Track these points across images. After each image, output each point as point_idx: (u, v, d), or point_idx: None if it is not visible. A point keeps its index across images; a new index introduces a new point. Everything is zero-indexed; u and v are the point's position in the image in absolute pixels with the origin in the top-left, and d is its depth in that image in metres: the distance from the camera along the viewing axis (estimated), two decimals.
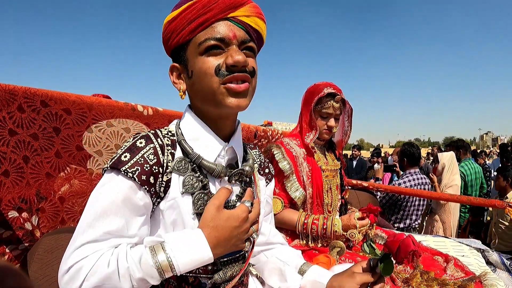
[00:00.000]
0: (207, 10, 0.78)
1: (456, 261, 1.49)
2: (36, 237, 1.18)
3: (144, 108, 1.41)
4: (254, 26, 0.83)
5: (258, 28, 0.84)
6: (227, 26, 0.79)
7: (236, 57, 0.76)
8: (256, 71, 0.85)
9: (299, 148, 1.66)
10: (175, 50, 0.86)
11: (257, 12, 0.84)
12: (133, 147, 0.77)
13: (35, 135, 1.14)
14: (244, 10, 0.81)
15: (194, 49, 0.80)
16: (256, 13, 0.83)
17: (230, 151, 0.89)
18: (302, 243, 1.60)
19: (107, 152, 1.34)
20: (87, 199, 0.74)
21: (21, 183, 1.13)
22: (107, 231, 0.70)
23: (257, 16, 0.84)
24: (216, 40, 0.78)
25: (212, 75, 0.78)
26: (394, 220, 3.34)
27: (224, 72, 0.77)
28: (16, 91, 1.07)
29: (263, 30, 0.87)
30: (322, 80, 1.73)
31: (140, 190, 0.74)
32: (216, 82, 0.78)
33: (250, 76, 0.81)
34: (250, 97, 0.84)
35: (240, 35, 0.80)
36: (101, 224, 0.69)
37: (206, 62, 0.78)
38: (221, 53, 0.79)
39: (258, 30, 0.85)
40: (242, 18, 0.81)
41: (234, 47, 0.79)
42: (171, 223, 0.80)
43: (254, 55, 0.85)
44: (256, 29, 0.84)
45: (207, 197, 0.81)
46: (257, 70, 0.85)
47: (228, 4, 0.78)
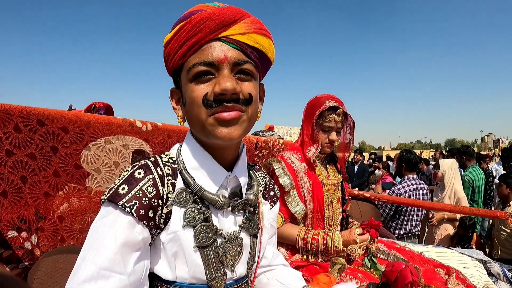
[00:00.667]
0: (196, 31, 0.71)
1: (458, 273, 1.48)
2: (36, 256, 1.18)
3: (143, 123, 1.40)
4: (253, 44, 0.74)
5: (258, 46, 0.75)
6: (218, 48, 0.71)
7: (223, 84, 0.69)
8: (255, 97, 0.77)
9: (300, 163, 1.65)
10: (173, 74, 0.82)
11: (256, 27, 0.75)
12: (131, 178, 0.73)
13: (33, 155, 1.13)
14: (239, 28, 0.72)
15: (185, 75, 0.75)
16: (254, 29, 0.74)
17: (233, 180, 0.84)
18: (303, 258, 1.59)
19: (106, 169, 1.33)
20: (86, 217, 0.73)
21: (20, 203, 1.12)
22: (104, 267, 0.66)
23: (257, 32, 0.74)
24: (205, 65, 0.71)
25: (200, 105, 0.71)
26: (394, 227, 3.33)
27: (211, 103, 0.71)
28: (12, 111, 1.06)
29: (265, 47, 0.77)
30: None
31: (138, 225, 0.71)
32: (204, 113, 0.72)
33: (245, 105, 0.74)
34: (245, 127, 0.76)
35: (233, 55, 0.72)
36: (98, 259, 0.67)
37: (195, 91, 0.72)
38: (211, 79, 0.72)
39: (259, 48, 0.75)
40: (236, 37, 0.72)
41: (225, 72, 0.71)
42: (173, 255, 0.77)
43: (252, 78, 0.76)
44: (255, 47, 0.74)
45: (209, 230, 0.78)
46: (256, 95, 0.78)
47: (218, 23, 0.71)
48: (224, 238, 0.81)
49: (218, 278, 0.80)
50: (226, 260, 0.81)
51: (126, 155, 1.37)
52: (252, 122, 0.79)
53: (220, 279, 0.80)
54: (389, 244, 1.81)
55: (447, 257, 1.83)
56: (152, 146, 1.44)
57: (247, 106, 0.74)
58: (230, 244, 0.82)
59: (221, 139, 0.73)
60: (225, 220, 0.83)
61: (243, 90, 0.73)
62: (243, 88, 0.73)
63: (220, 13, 0.71)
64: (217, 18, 0.71)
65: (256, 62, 0.77)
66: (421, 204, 2.46)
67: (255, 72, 0.77)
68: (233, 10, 0.73)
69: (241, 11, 0.74)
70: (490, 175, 5.41)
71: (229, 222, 0.84)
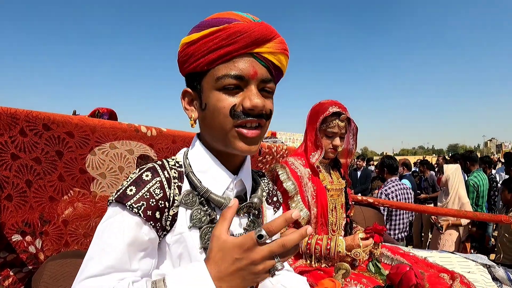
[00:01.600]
0: (232, 41, 0.72)
1: (462, 278, 1.47)
2: (40, 260, 1.18)
3: (148, 129, 1.41)
4: (277, 64, 0.77)
5: (280, 66, 0.79)
6: (249, 63, 0.73)
7: (255, 100, 0.72)
8: (272, 113, 0.80)
9: (304, 168, 1.65)
10: (190, 75, 0.81)
11: (282, 48, 0.78)
12: (139, 180, 0.74)
13: (38, 159, 1.14)
14: (271, 46, 0.75)
15: (211, 81, 0.75)
16: (281, 50, 0.77)
17: (239, 184, 0.86)
18: (306, 263, 1.58)
19: (111, 174, 1.33)
20: (91, 222, 0.73)
21: (24, 207, 1.12)
22: (111, 266, 0.67)
23: (282, 53, 0.78)
24: (236, 78, 0.72)
25: (226, 115, 0.73)
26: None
27: (239, 114, 0.73)
28: (18, 115, 1.07)
29: (284, 67, 0.81)
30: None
31: (145, 225, 0.72)
32: (229, 123, 0.73)
33: (265, 119, 0.77)
34: (261, 141, 0.81)
35: (262, 73, 0.74)
36: (105, 258, 0.67)
37: (222, 100, 0.73)
38: (239, 92, 0.74)
39: (280, 67, 0.79)
40: (267, 56, 0.75)
41: (252, 88, 0.73)
42: (178, 256, 0.77)
43: (271, 95, 0.80)
44: (278, 66, 0.78)
45: None
46: (273, 111, 0.81)
47: (254, 39, 0.72)
48: None
49: None
50: None
51: (131, 160, 1.37)
52: (264, 134, 0.82)
53: None
54: (393, 249, 1.80)
55: (451, 262, 1.82)
56: (157, 151, 1.45)
57: (267, 121, 0.78)
58: None
59: (241, 152, 0.77)
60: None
61: (266, 106, 0.76)
62: (266, 105, 0.76)
63: (257, 29, 0.73)
64: (254, 34, 0.72)
65: (275, 80, 0.81)
66: (426, 209, 2.44)
67: (274, 89, 0.81)
68: (268, 28, 0.75)
69: (273, 31, 0.77)
70: (494, 181, 5.39)
71: (235, 224, 0.84)
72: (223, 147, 0.78)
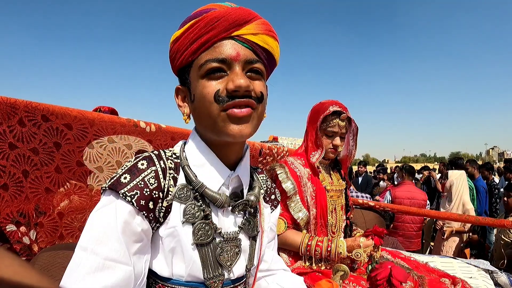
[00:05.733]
0: (210, 28, 0.72)
1: (464, 283, 1.45)
2: (34, 251, 1.17)
3: (147, 124, 1.40)
4: (262, 45, 0.76)
5: (267, 47, 0.77)
6: (230, 45, 0.72)
7: (237, 81, 0.70)
8: (265, 96, 0.78)
9: (303, 168, 1.63)
10: (180, 71, 0.81)
11: (266, 29, 0.77)
12: (134, 168, 0.73)
13: (35, 149, 1.13)
14: (251, 28, 0.74)
15: (196, 71, 0.75)
16: (265, 30, 0.76)
17: (235, 180, 0.84)
18: (305, 265, 1.56)
19: (108, 168, 1.32)
20: (86, 215, 0.71)
21: (20, 197, 1.11)
22: (109, 258, 0.65)
23: (266, 34, 0.76)
24: (218, 61, 0.72)
25: (211, 101, 0.71)
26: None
27: (224, 98, 0.71)
28: (17, 105, 1.07)
29: (274, 49, 0.79)
30: (328, 96, 1.73)
31: (138, 215, 0.70)
32: (216, 109, 0.71)
33: (256, 102, 0.74)
34: (255, 124, 0.76)
35: (245, 54, 0.73)
36: (101, 250, 0.65)
37: (206, 87, 0.72)
38: (223, 76, 0.73)
39: (268, 49, 0.77)
40: (248, 37, 0.74)
41: (237, 69, 0.72)
42: (170, 250, 0.76)
43: (262, 78, 0.77)
44: (265, 48, 0.76)
45: (208, 227, 0.77)
46: (266, 94, 0.79)
47: (232, 22, 0.72)
48: (223, 238, 0.80)
49: (216, 278, 0.78)
50: (223, 260, 0.79)
51: (129, 155, 1.36)
52: (260, 120, 0.79)
53: (218, 279, 0.78)
54: (393, 252, 1.78)
55: (453, 267, 1.80)
56: (155, 147, 1.44)
57: (258, 104, 0.75)
58: (228, 244, 0.81)
59: (232, 136, 0.73)
60: (225, 219, 0.82)
61: (255, 88, 0.74)
62: (255, 87, 0.74)
63: (234, 12, 0.73)
64: (231, 17, 0.72)
65: (264, 62, 0.79)
66: (427, 213, 2.41)
67: (264, 71, 0.79)
68: (246, 11, 0.75)
69: (252, 13, 0.76)
70: (495, 187, 5.36)
71: (229, 221, 0.83)
72: (215, 135, 0.76)
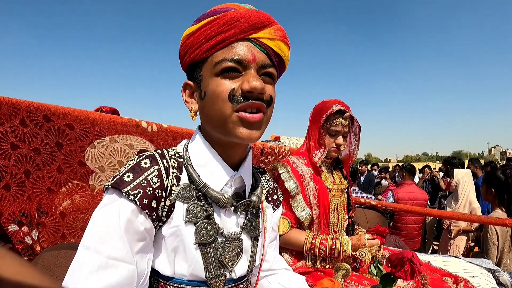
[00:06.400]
0: (228, 28, 0.72)
1: (466, 282, 1.44)
2: (36, 251, 1.17)
3: (149, 124, 1.40)
4: (277, 51, 0.77)
5: (280, 53, 0.78)
6: (247, 48, 0.73)
7: (253, 82, 0.70)
8: (274, 100, 0.79)
9: (305, 167, 1.62)
10: (190, 67, 0.81)
11: (281, 35, 0.78)
12: (137, 167, 0.73)
13: (37, 149, 1.13)
14: (268, 32, 0.75)
15: (210, 68, 0.74)
16: (280, 37, 0.77)
17: (238, 180, 0.84)
18: (308, 264, 1.55)
19: (110, 168, 1.32)
20: (88, 215, 0.71)
21: (22, 197, 1.12)
22: (112, 256, 0.65)
23: (281, 40, 0.77)
24: (234, 61, 0.72)
25: (225, 100, 0.71)
26: None
27: (238, 98, 0.71)
28: (19, 105, 1.07)
29: (286, 56, 0.80)
30: (330, 96, 1.72)
31: (141, 214, 0.70)
32: (228, 108, 0.72)
33: (266, 106, 0.75)
34: (263, 129, 0.77)
35: (261, 58, 0.74)
36: (104, 248, 0.65)
37: (221, 85, 0.72)
38: (238, 76, 0.73)
39: (281, 55, 0.78)
40: (265, 41, 0.74)
41: (252, 71, 0.73)
42: (173, 250, 0.76)
43: (273, 82, 0.79)
44: (278, 54, 0.78)
45: (211, 227, 0.77)
46: (274, 98, 0.79)
47: (251, 24, 0.73)
48: (225, 238, 0.80)
49: (218, 278, 0.78)
50: (225, 260, 0.79)
51: (131, 155, 1.37)
52: (268, 123, 0.80)
53: (220, 278, 0.79)
54: (395, 252, 1.77)
55: (455, 266, 1.80)
56: (157, 147, 1.44)
57: (267, 108, 0.76)
58: (230, 245, 0.81)
59: (242, 139, 0.73)
60: (227, 219, 0.82)
61: (267, 91, 0.75)
62: (267, 90, 0.75)
63: (254, 15, 0.74)
64: (251, 20, 0.73)
65: (276, 67, 0.80)
66: (430, 212, 2.41)
67: (276, 76, 0.80)
68: (265, 15, 0.76)
69: (271, 18, 0.77)
70: None
71: (231, 222, 0.83)
72: (223, 135, 0.76)
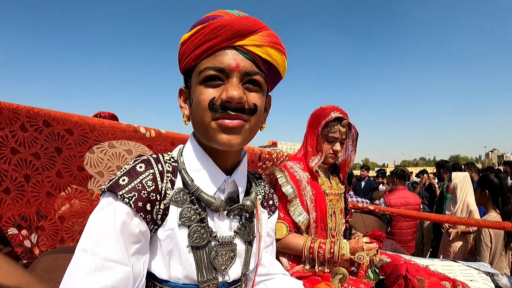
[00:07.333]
0: (213, 36, 0.73)
1: (464, 286, 1.45)
2: (35, 254, 1.18)
3: (147, 130, 1.41)
4: (265, 57, 0.76)
5: (270, 59, 0.77)
6: (231, 56, 0.73)
7: (231, 92, 0.70)
8: (260, 108, 0.78)
9: (302, 172, 1.64)
10: (185, 73, 0.83)
11: (271, 41, 0.76)
12: (132, 171, 0.75)
13: (37, 154, 1.15)
14: (255, 39, 0.74)
15: (196, 76, 0.76)
16: (269, 43, 0.76)
17: (231, 185, 0.85)
18: (306, 268, 1.56)
19: (108, 173, 1.34)
20: (87, 219, 0.72)
21: (22, 201, 1.13)
22: (108, 258, 0.66)
23: (271, 46, 0.76)
24: (216, 70, 0.72)
25: (205, 108, 0.73)
26: None
27: (217, 107, 0.72)
28: (19, 110, 1.08)
29: (277, 62, 0.79)
30: (327, 100, 1.74)
31: (136, 217, 0.71)
32: (208, 117, 0.73)
33: (250, 114, 0.75)
34: (246, 136, 0.77)
35: (245, 66, 0.74)
36: (101, 250, 0.65)
37: (203, 93, 0.73)
38: (220, 84, 0.74)
39: (271, 62, 0.77)
40: (251, 48, 0.74)
41: (233, 80, 0.73)
42: (168, 252, 0.77)
43: (260, 89, 0.78)
44: (267, 60, 0.76)
45: (204, 231, 0.79)
46: (261, 105, 0.79)
47: (235, 31, 0.72)
48: (218, 241, 0.81)
49: (210, 281, 0.79)
50: (218, 264, 0.80)
51: (129, 160, 1.38)
52: (254, 131, 0.80)
53: (211, 282, 0.80)
54: (394, 256, 1.78)
55: (454, 270, 1.80)
56: (155, 152, 1.46)
57: (250, 116, 0.76)
58: (223, 249, 0.82)
59: (222, 145, 0.75)
60: (221, 223, 0.83)
61: (249, 100, 0.75)
62: (249, 98, 0.75)
63: (238, 22, 0.74)
64: (235, 27, 0.73)
65: (266, 74, 0.79)
66: (427, 216, 2.42)
67: (264, 84, 0.79)
68: (252, 21, 0.75)
69: (259, 23, 0.76)
70: None
71: (225, 226, 0.84)
72: (207, 141, 0.78)
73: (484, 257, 2.80)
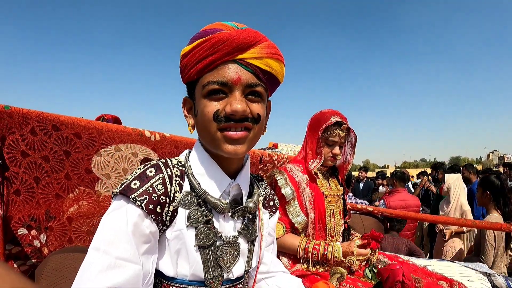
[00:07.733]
0: (214, 51, 0.75)
1: (461, 286, 1.47)
2: (44, 254, 1.22)
3: (152, 133, 1.45)
4: (265, 68, 0.79)
5: (269, 70, 0.80)
6: (233, 69, 0.76)
7: (235, 106, 0.74)
8: (262, 117, 0.82)
9: (302, 174, 1.68)
10: (188, 84, 0.86)
11: (270, 52, 0.79)
12: (143, 175, 0.79)
13: (46, 157, 1.18)
14: (255, 52, 0.77)
15: (200, 90, 0.79)
16: (269, 54, 0.79)
17: (236, 188, 0.89)
18: (304, 268, 1.60)
19: (115, 175, 1.37)
20: (94, 220, 0.76)
21: (31, 202, 1.17)
22: (120, 257, 0.69)
23: (270, 57, 0.79)
24: (219, 84, 0.75)
25: (210, 120, 0.77)
26: None
27: (221, 119, 0.76)
28: (29, 115, 1.12)
29: (277, 71, 0.82)
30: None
31: (146, 219, 0.75)
32: (213, 128, 0.77)
33: (253, 123, 0.80)
34: (250, 144, 0.82)
35: (247, 78, 0.77)
36: (113, 250, 0.69)
37: (207, 106, 0.77)
38: (224, 97, 0.77)
39: (270, 72, 0.80)
40: (251, 61, 0.77)
41: (236, 94, 0.76)
42: (176, 252, 0.81)
43: (261, 100, 0.81)
44: (267, 71, 0.80)
45: (210, 231, 0.83)
46: (264, 114, 0.83)
47: (235, 46, 0.75)
48: (223, 241, 0.86)
49: (215, 279, 0.84)
50: (223, 262, 0.85)
51: (135, 163, 1.42)
52: (257, 138, 0.85)
53: (217, 279, 0.84)
54: (391, 256, 1.81)
55: (451, 270, 1.82)
56: (160, 155, 1.49)
57: (254, 124, 0.80)
58: (228, 248, 0.87)
59: (227, 154, 0.80)
60: (226, 224, 0.88)
61: (252, 110, 0.79)
62: (252, 109, 0.79)
63: (238, 36, 0.76)
64: (235, 41, 0.75)
65: (266, 84, 0.83)
66: (425, 218, 2.45)
67: (265, 93, 0.83)
68: (251, 34, 0.78)
69: (258, 35, 0.79)
70: None
71: (229, 226, 0.88)
72: (213, 149, 0.83)
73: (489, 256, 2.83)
